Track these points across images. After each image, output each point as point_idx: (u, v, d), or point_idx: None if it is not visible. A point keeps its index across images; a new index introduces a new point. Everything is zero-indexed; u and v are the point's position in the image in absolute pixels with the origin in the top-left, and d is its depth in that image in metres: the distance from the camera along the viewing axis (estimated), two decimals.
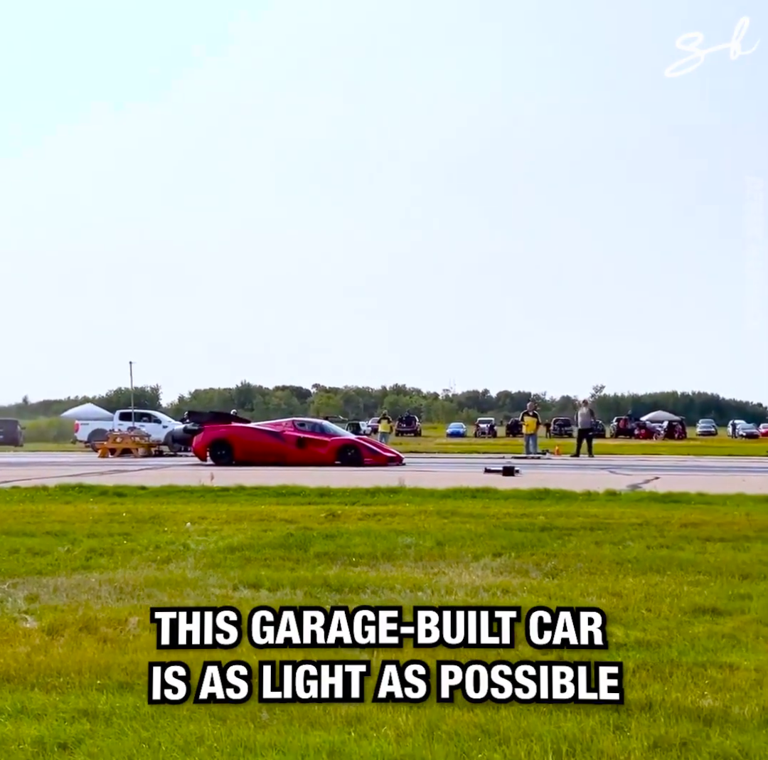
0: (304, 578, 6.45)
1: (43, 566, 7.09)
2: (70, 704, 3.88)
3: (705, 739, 3.43)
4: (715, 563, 7.01)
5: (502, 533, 8.61)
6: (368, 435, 41.28)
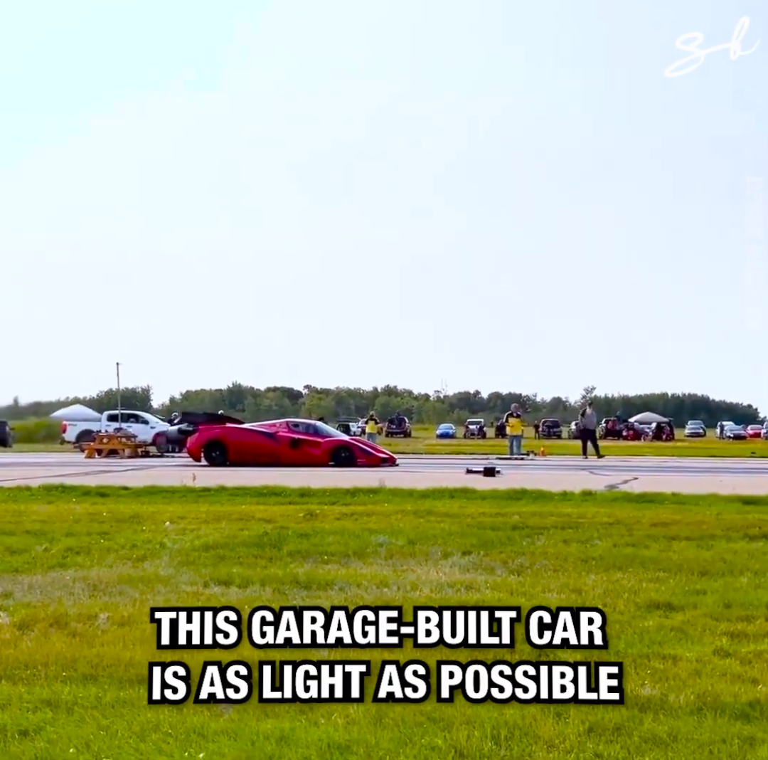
0: (274, 576, 6.60)
1: (20, 564, 7.22)
2: (35, 694, 4.02)
3: (638, 724, 3.59)
4: (677, 561, 7.18)
5: (474, 532, 8.78)
6: (358, 436, 41.44)
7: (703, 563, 7.11)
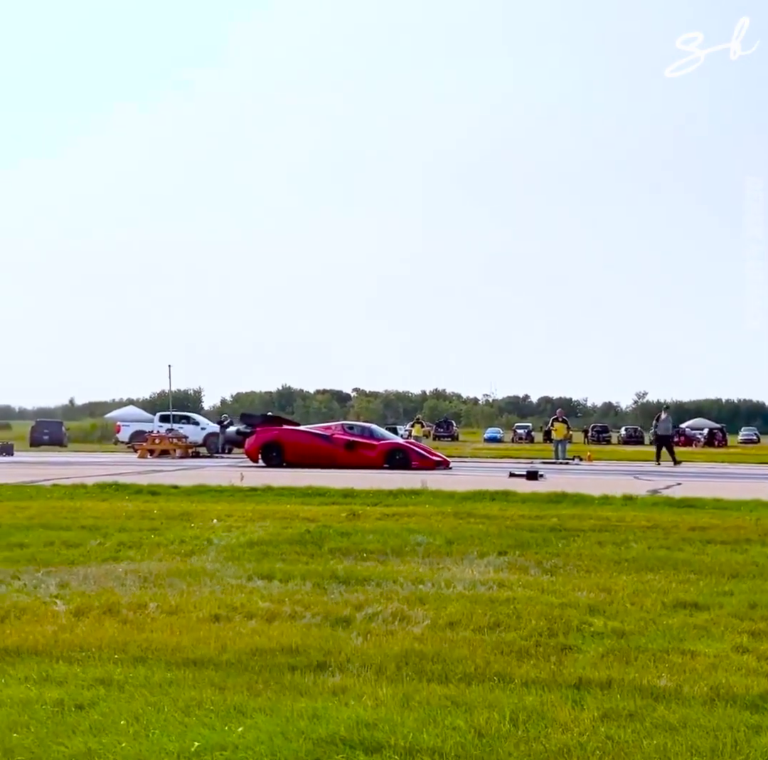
0: (314, 571, 6.88)
1: (76, 556, 7.61)
2: (89, 673, 4.34)
3: (651, 711, 3.79)
4: (709, 563, 7.31)
5: (511, 533, 8.97)
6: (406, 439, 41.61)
7: (735, 565, 7.23)
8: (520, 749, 3.39)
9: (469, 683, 4.21)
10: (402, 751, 3.33)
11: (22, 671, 4.37)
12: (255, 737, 3.44)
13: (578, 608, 5.70)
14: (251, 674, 4.33)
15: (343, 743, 3.39)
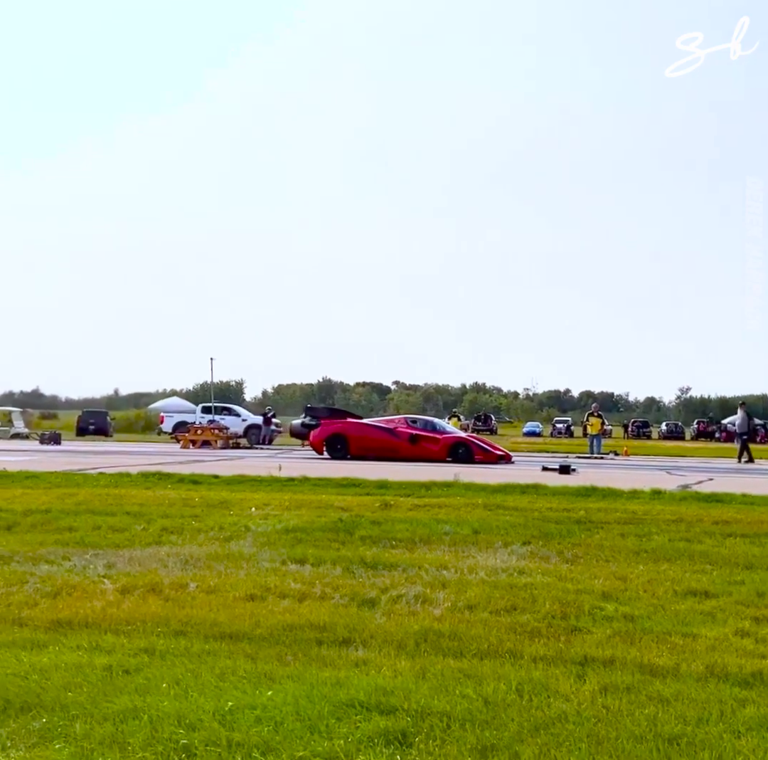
0: (345, 556, 7.26)
1: (121, 540, 8.07)
2: (134, 644, 4.76)
3: (647, 686, 4.10)
4: (726, 555, 7.56)
5: (537, 525, 9.27)
6: None
7: (751, 557, 7.47)
8: (522, 715, 3.72)
9: (482, 658, 4.55)
10: (414, 713, 3.68)
11: (74, 640, 4.79)
12: (282, 699, 3.81)
13: (592, 594, 6.00)
14: (281, 647, 4.71)
15: (361, 706, 3.75)
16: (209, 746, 3.34)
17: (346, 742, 3.37)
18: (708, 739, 3.45)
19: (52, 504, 10.43)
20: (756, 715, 3.73)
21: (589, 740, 3.42)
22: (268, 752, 3.28)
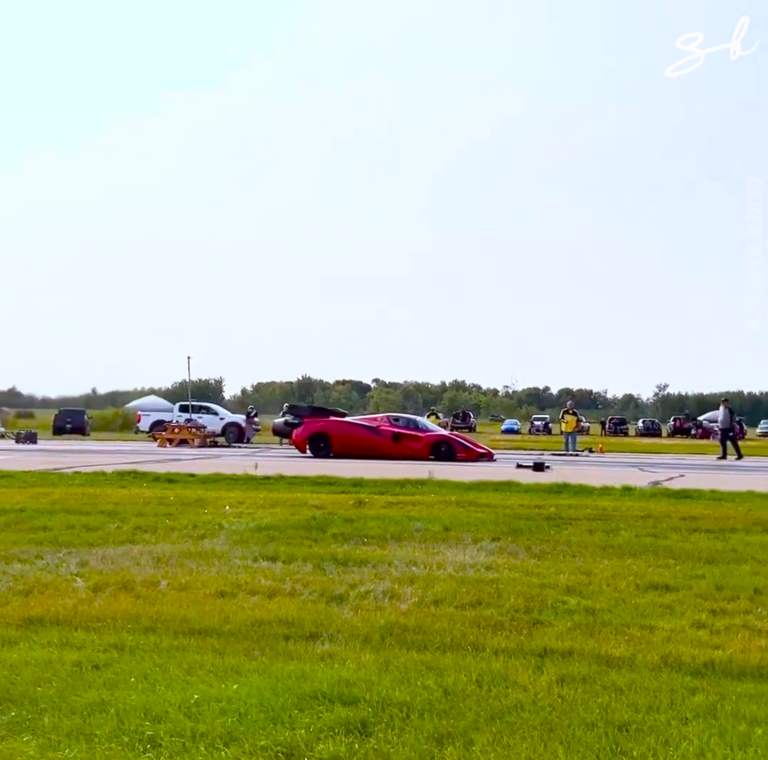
0: (316, 554, 7.36)
1: (95, 539, 8.13)
2: (104, 640, 4.84)
3: (603, 676, 4.23)
4: (690, 550, 7.73)
5: (507, 521, 9.41)
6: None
7: (714, 552, 7.64)
8: (480, 705, 3.84)
9: (445, 651, 4.67)
10: (375, 704, 3.79)
11: (45, 637, 4.87)
12: (247, 692, 3.91)
13: (557, 588, 6.14)
14: (249, 642, 4.81)
15: (324, 697, 3.85)
16: (174, 736, 3.43)
17: (307, 731, 3.48)
18: (656, 725, 3.59)
19: (26, 503, 10.46)
20: (704, 702, 3.87)
21: (542, 728, 3.55)
22: (230, 742, 3.38)
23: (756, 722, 3.63)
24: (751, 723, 3.60)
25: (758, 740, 3.42)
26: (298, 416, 25.10)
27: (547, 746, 3.37)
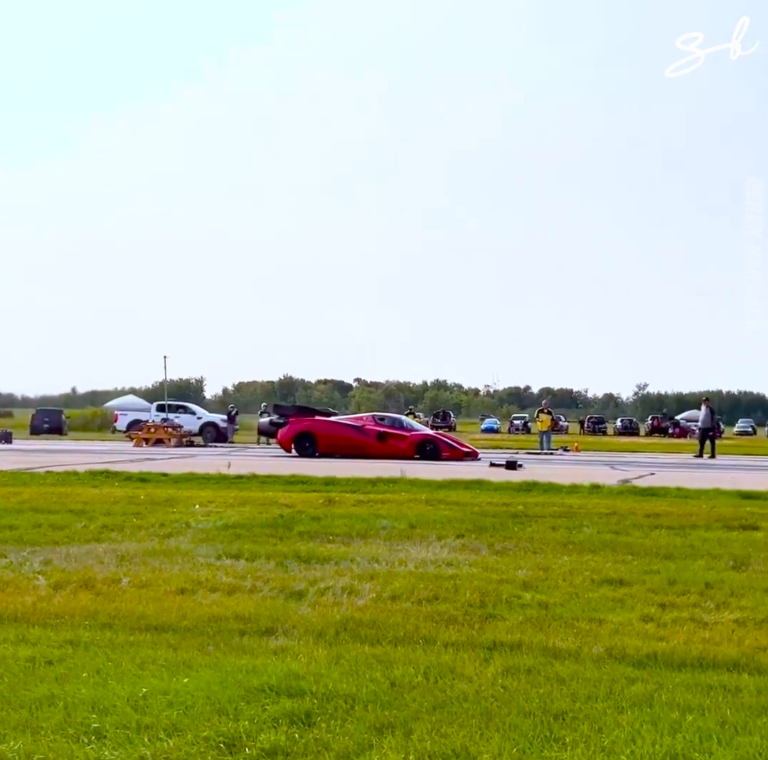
0: (280, 551, 7.43)
1: (60, 537, 8.16)
2: (60, 636, 4.89)
3: (548, 667, 4.33)
4: (649, 546, 7.85)
5: (473, 519, 9.52)
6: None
7: (672, 548, 7.77)
8: (425, 696, 3.92)
9: (396, 645, 4.75)
10: (321, 696, 3.87)
11: (1, 634, 4.91)
12: (196, 685, 3.98)
13: (514, 583, 6.24)
14: (204, 638, 4.88)
15: (271, 690, 3.93)
16: (119, 728, 3.50)
17: (251, 723, 3.55)
18: (592, 714, 3.68)
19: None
20: (642, 692, 3.97)
21: (482, 717, 3.64)
22: (174, 733, 3.45)
23: (689, 709, 3.73)
24: (684, 711, 3.71)
25: (688, 726, 3.53)
26: (283, 415, 25.14)
27: (484, 734, 3.46)
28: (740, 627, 5.17)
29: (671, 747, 3.33)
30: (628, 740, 3.40)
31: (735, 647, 4.75)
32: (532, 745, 3.37)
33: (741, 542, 8.16)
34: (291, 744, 3.37)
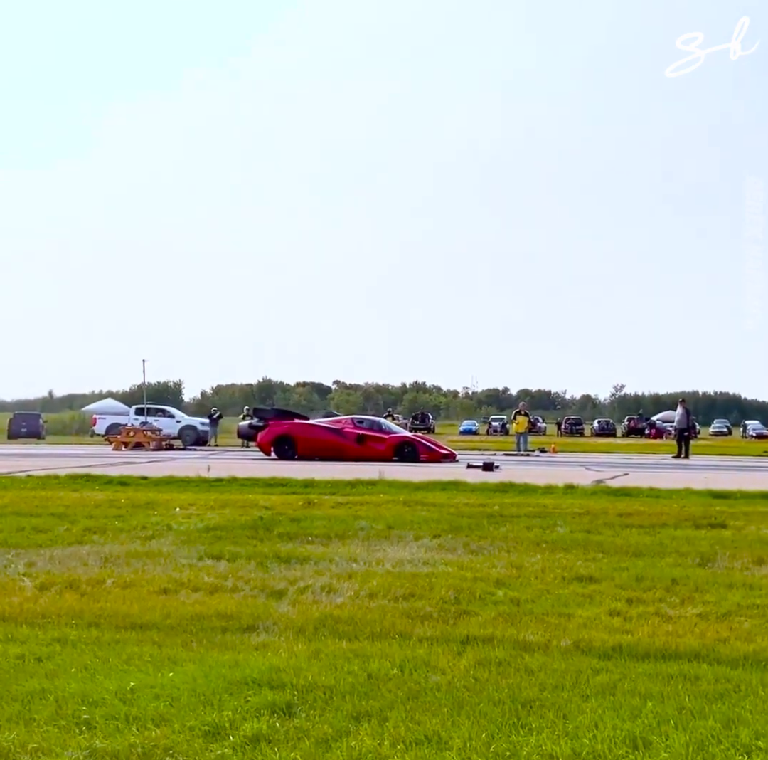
0: (260, 552, 7.60)
1: (43, 540, 8.28)
2: (48, 635, 5.05)
3: (518, 660, 4.53)
4: (619, 544, 8.09)
5: (449, 519, 9.73)
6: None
7: (641, 546, 8.01)
8: (400, 687, 4.12)
9: (373, 640, 4.94)
10: (301, 688, 4.05)
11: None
12: (181, 679, 4.15)
13: (487, 581, 6.45)
14: (188, 635, 5.05)
15: (254, 682, 4.11)
16: (109, 720, 3.67)
17: (234, 713, 3.73)
18: (558, 702, 3.89)
19: None
20: (607, 681, 4.18)
21: (453, 706, 3.84)
22: (161, 723, 3.62)
23: (649, 697, 3.95)
24: (645, 698, 3.93)
25: (647, 712, 3.74)
26: (262, 418, 25.31)
27: (455, 721, 3.66)
28: (703, 620, 5.41)
29: (631, 731, 3.54)
30: (591, 725, 3.61)
31: (697, 639, 4.98)
32: (500, 730, 3.57)
33: (708, 540, 8.41)
34: (272, 732, 3.55)
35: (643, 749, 3.40)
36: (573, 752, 3.36)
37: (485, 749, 3.38)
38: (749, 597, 6.00)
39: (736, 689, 4.09)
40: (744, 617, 5.50)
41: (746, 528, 9.32)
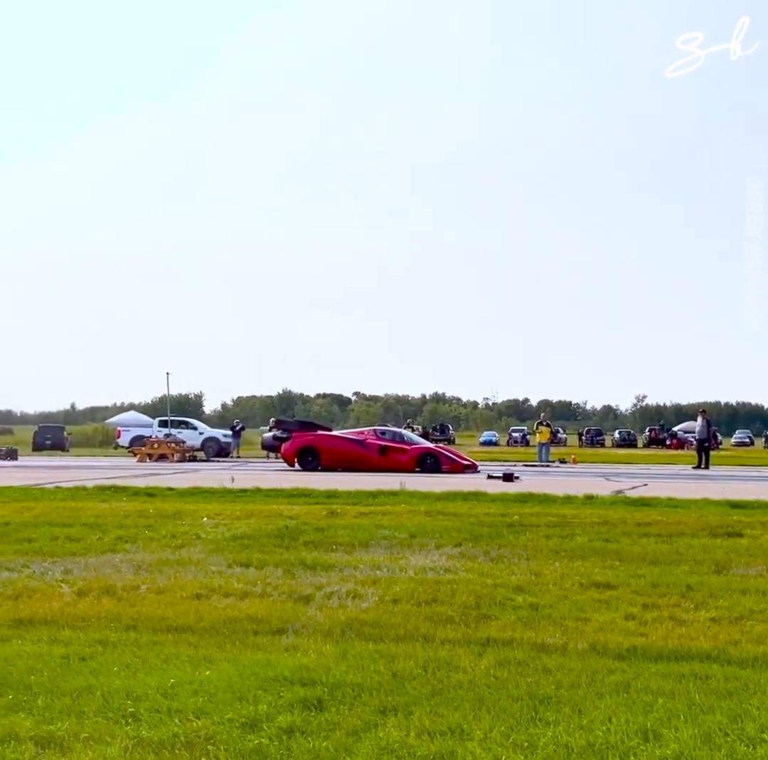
0: (287, 560, 7.86)
1: (78, 549, 8.58)
2: (89, 637, 5.32)
3: (536, 660, 4.76)
4: (637, 552, 8.28)
5: (470, 528, 9.94)
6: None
7: (658, 554, 8.20)
8: (424, 685, 4.36)
9: (398, 642, 5.18)
10: (330, 685, 4.30)
11: (35, 635, 5.34)
12: (218, 677, 4.41)
13: (507, 587, 6.67)
14: (222, 637, 5.31)
15: (285, 680, 4.36)
16: (152, 712, 3.93)
17: (269, 707, 3.98)
18: (574, 699, 4.12)
19: (11, 517, 10.88)
20: (621, 680, 4.40)
21: (475, 701, 4.07)
22: (201, 716, 3.88)
23: (661, 694, 4.17)
24: (657, 695, 4.14)
25: (659, 707, 3.96)
26: (286, 430, 25.62)
27: (477, 715, 3.89)
28: (715, 624, 5.61)
29: (642, 724, 3.76)
30: (604, 719, 3.83)
31: (709, 641, 5.18)
32: (519, 723, 3.80)
33: (724, 549, 8.59)
34: (305, 724, 3.80)
35: (653, 740, 3.61)
36: (587, 743, 3.58)
37: (505, 740, 3.61)
38: (762, 602, 6.20)
39: (745, 687, 4.30)
40: (756, 620, 5.70)
41: (762, 537, 9.49)
